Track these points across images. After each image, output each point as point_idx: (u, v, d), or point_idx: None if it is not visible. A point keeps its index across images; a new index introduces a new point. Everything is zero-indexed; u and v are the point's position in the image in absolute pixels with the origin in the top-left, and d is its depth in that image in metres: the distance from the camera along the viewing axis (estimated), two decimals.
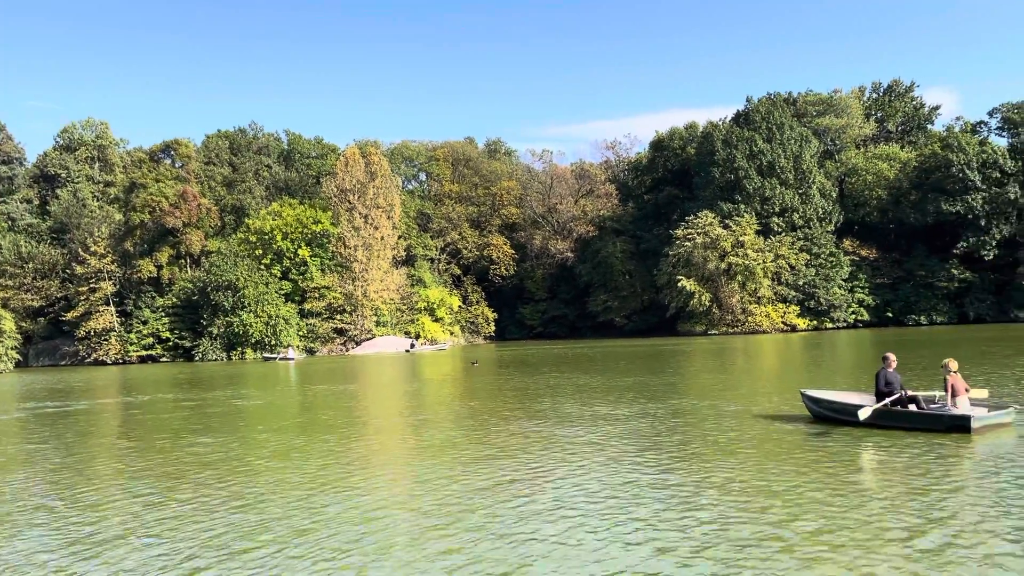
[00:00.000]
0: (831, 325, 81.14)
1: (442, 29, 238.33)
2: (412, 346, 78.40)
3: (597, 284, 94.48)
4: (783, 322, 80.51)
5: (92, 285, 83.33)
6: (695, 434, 15.22)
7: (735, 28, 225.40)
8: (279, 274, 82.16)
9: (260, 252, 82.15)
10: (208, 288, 78.12)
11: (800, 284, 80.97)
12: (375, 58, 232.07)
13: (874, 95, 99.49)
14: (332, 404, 26.04)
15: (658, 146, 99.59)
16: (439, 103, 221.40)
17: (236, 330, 76.80)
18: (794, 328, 79.96)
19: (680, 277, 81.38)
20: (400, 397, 28.41)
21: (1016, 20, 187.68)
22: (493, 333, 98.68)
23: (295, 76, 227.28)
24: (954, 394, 14.16)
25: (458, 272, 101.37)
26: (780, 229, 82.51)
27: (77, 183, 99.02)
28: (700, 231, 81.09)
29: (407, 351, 75.19)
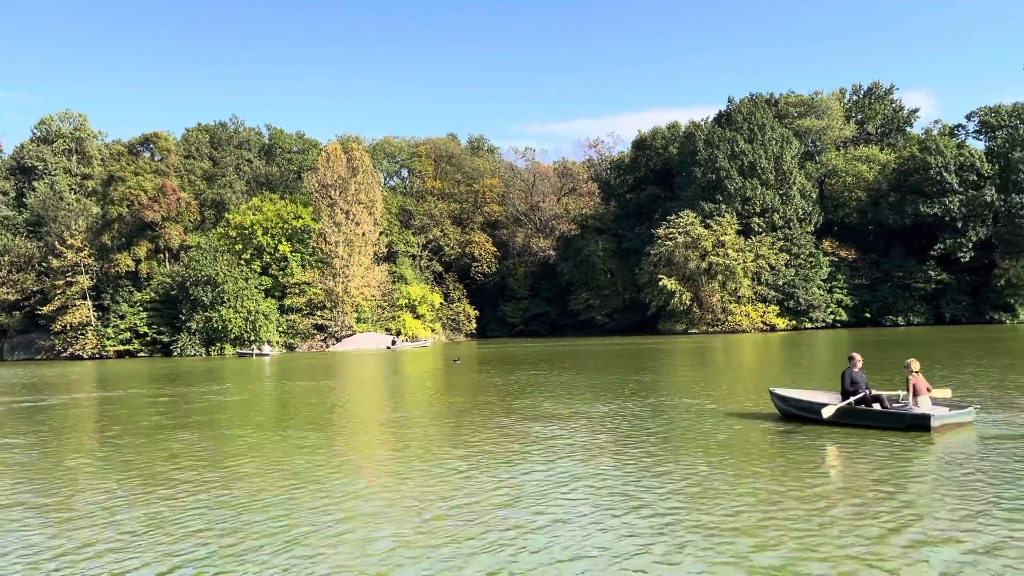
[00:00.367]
0: (810, 325, 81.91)
1: (426, 25, 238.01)
2: (393, 343, 78.29)
3: (579, 282, 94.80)
4: (763, 322, 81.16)
5: (69, 279, 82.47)
6: (667, 431, 15.35)
7: (718, 29, 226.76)
8: (259, 269, 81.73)
9: (240, 247, 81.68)
10: (187, 283, 77.58)
11: (780, 284, 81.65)
12: (358, 53, 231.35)
13: (854, 97, 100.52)
14: (310, 400, 25.97)
15: (640, 145, 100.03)
16: (422, 99, 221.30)
17: (215, 325, 76.34)
18: (773, 328, 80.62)
19: (661, 276, 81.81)
20: (379, 394, 28.39)
21: (993, 25, 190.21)
22: (474, 330, 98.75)
23: (277, 70, 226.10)
24: (915, 393, 14.42)
25: (440, 269, 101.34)
26: (760, 229, 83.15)
27: (54, 175, 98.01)
28: (681, 231, 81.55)
29: (388, 348, 75.05)
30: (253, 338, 76.67)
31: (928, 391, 14.60)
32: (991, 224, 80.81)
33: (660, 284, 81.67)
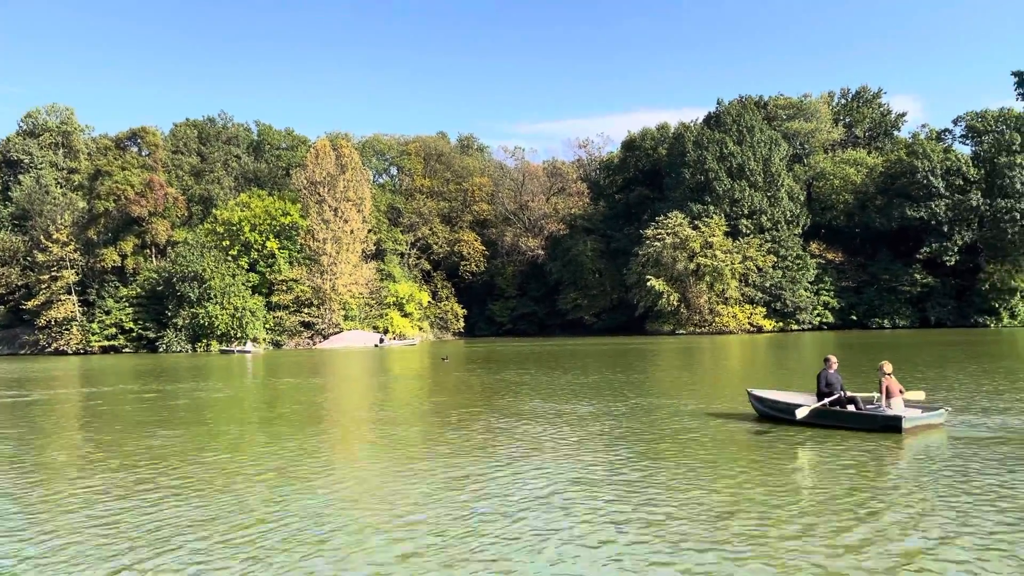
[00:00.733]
0: (796, 327, 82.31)
1: (416, 24, 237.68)
2: (381, 341, 78.20)
3: (567, 282, 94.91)
4: (749, 323, 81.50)
5: (54, 273, 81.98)
6: (645, 431, 15.44)
7: (708, 31, 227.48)
8: (246, 266, 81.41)
9: (227, 243, 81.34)
10: (174, 279, 77.22)
11: (767, 286, 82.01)
12: (348, 50, 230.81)
13: (842, 101, 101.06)
14: (295, 398, 25.92)
15: (630, 146, 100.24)
16: (411, 97, 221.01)
17: (201, 322, 76.00)
18: (760, 329, 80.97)
19: (649, 277, 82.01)
20: (366, 392, 28.35)
21: (979, 32, 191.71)
22: (462, 329, 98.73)
23: (266, 66, 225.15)
24: (888, 395, 14.60)
25: (428, 267, 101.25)
26: (748, 231, 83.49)
27: (40, 169, 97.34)
28: (670, 231, 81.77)
29: (376, 346, 74.96)
30: (240, 335, 76.39)
31: (901, 393, 14.77)
32: (976, 228, 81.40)
33: (648, 285, 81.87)
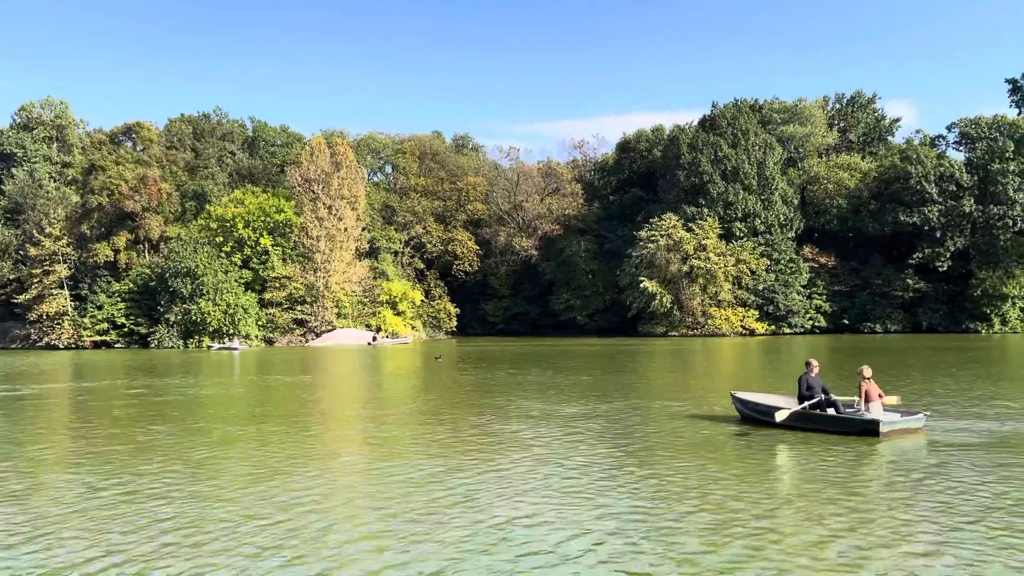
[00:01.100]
0: (789, 330, 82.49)
1: (413, 23, 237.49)
2: (374, 339, 78.16)
3: (560, 283, 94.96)
4: (742, 326, 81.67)
5: (46, 268, 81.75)
6: (632, 432, 15.53)
7: (704, 34, 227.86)
8: (239, 262, 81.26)
9: (221, 239, 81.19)
10: (166, 274, 77.05)
11: (760, 289, 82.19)
12: (344, 48, 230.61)
13: (837, 105, 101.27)
14: (286, 396, 25.92)
15: (625, 148, 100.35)
16: (407, 96, 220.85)
17: (194, 318, 75.83)
18: (752, 332, 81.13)
19: (642, 278, 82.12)
20: (358, 391, 28.36)
21: (974, 38, 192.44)
22: (455, 328, 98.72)
23: (262, 63, 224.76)
24: (867, 399, 14.70)
25: (421, 266, 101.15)
26: (742, 234, 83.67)
27: (34, 163, 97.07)
28: (663, 233, 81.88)
29: (369, 344, 74.93)
30: (233, 331, 76.26)
31: (880, 397, 14.88)
32: (969, 234, 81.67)
33: (641, 286, 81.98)
